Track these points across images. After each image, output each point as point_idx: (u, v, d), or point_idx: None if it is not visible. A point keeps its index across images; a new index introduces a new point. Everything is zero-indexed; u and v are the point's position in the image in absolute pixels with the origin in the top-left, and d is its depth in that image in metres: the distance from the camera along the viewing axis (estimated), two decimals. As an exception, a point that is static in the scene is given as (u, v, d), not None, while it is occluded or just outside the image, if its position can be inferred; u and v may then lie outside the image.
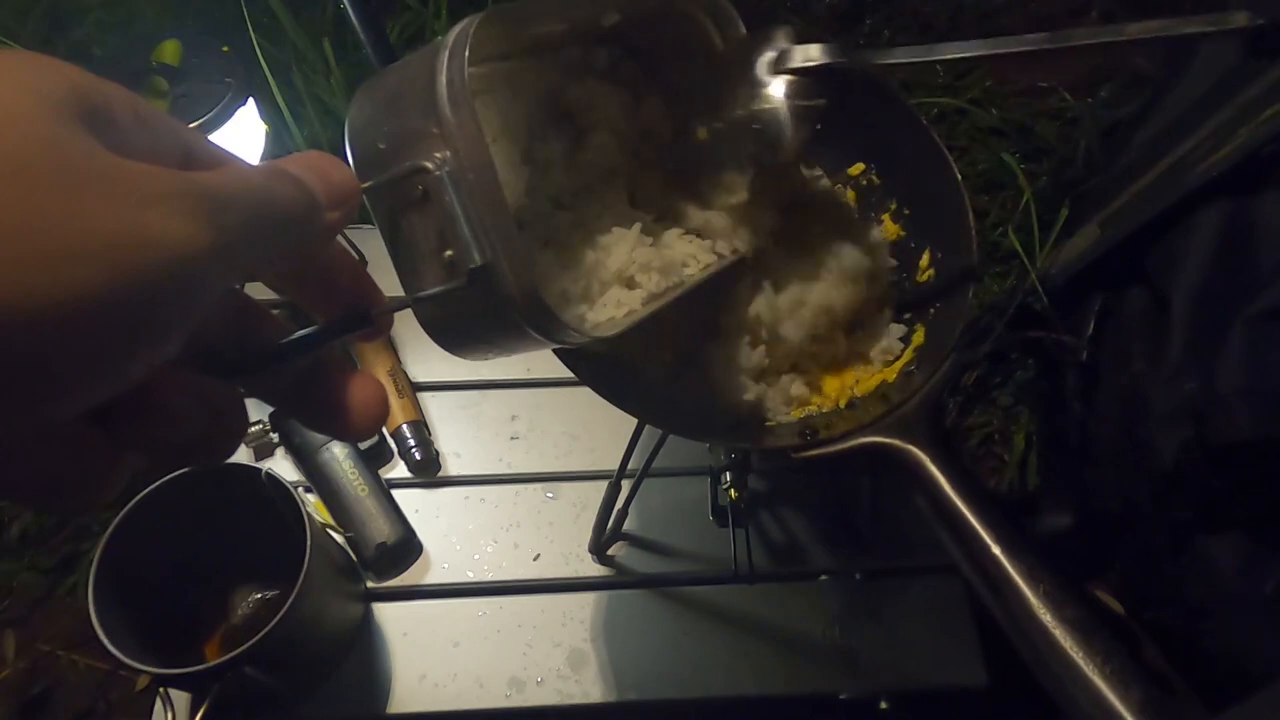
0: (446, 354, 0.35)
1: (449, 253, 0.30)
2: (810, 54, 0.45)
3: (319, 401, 0.26)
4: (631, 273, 0.44)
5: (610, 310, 0.43)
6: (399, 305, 0.29)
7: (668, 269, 0.46)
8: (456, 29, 0.32)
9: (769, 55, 0.46)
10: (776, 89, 0.45)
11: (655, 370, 0.53)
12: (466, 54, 0.31)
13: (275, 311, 0.26)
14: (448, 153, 0.30)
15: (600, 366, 0.51)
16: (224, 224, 0.19)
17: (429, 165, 0.30)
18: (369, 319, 0.26)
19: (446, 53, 0.31)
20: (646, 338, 0.53)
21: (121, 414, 0.19)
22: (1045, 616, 0.43)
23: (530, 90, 0.45)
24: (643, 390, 0.53)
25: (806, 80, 0.45)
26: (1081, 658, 0.42)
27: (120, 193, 0.17)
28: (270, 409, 0.72)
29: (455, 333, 0.34)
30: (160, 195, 0.18)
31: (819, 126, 0.46)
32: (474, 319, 0.33)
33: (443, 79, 0.31)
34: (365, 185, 0.29)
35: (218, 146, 0.23)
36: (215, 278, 0.19)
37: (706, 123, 0.48)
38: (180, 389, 0.20)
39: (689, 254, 0.48)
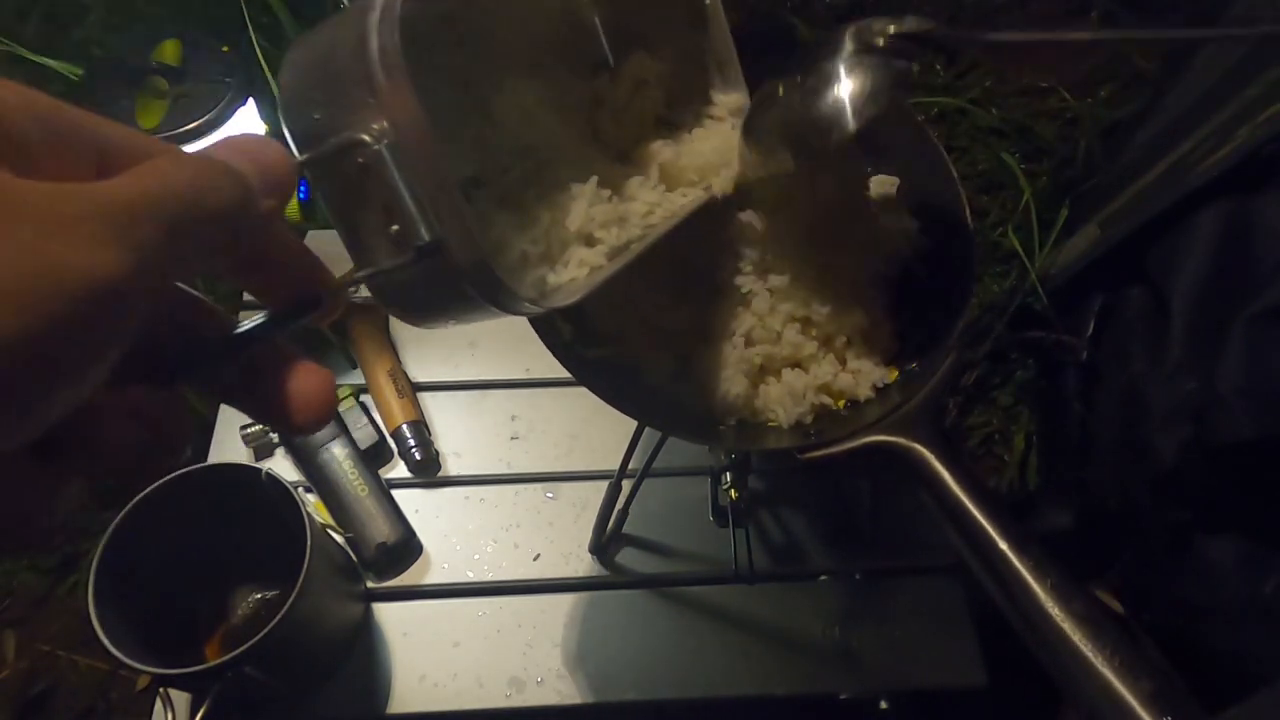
0: (446, 354, 0.34)
1: (395, 227, 0.28)
2: (898, 23, 0.40)
3: (261, 393, 0.24)
4: (590, 230, 0.42)
5: (573, 271, 0.41)
6: (350, 283, 0.27)
7: (626, 220, 0.43)
8: None
9: (854, 27, 0.41)
10: (857, 60, 0.41)
11: (655, 372, 0.53)
12: (398, 11, 0.28)
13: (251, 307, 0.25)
14: (385, 123, 0.28)
15: (600, 368, 0.50)
16: (143, 240, 0.17)
17: (366, 138, 0.28)
18: (320, 301, 0.24)
19: (376, 14, 0.28)
20: (646, 339, 0.53)
21: (54, 445, 0.18)
22: (1054, 610, 0.43)
23: (478, 31, 0.41)
24: (643, 392, 0.52)
25: (888, 53, 0.40)
26: (1091, 650, 0.42)
27: (20, 223, 0.15)
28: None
29: (410, 305, 0.33)
30: (67, 220, 0.16)
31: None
32: (427, 292, 0.31)
33: (374, 43, 0.28)
34: (302, 159, 0.28)
35: (141, 134, 0.21)
36: (139, 298, 0.17)
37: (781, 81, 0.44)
38: (116, 409, 0.19)
39: (651, 202, 0.45)
